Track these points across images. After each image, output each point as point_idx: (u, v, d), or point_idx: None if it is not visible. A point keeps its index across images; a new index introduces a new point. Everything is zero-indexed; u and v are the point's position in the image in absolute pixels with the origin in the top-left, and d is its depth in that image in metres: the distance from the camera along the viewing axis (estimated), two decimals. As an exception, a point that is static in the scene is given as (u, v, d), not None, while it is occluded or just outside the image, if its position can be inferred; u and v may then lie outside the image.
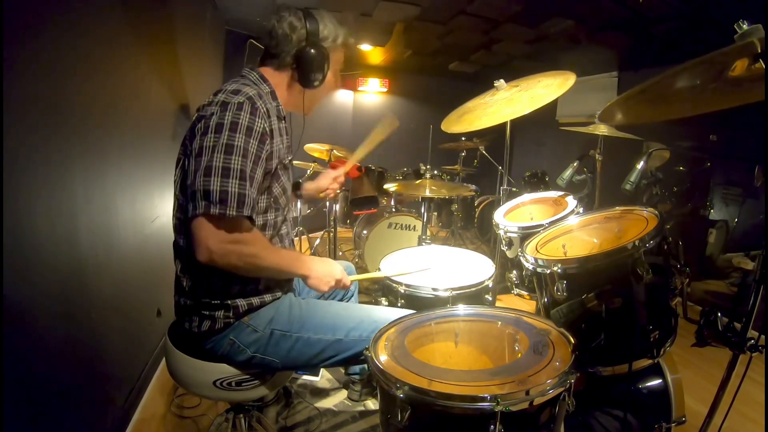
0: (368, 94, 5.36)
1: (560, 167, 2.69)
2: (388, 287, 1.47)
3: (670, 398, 1.24)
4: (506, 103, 1.69)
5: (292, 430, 1.65)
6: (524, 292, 2.02)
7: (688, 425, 1.25)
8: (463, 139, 3.92)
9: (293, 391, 1.84)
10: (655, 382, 1.26)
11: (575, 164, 2.62)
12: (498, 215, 1.99)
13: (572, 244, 1.37)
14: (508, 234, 1.81)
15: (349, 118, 5.29)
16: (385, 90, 5.33)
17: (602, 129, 2.52)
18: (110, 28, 1.48)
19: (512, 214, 2.08)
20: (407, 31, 3.61)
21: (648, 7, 2.62)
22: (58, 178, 1.16)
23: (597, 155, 2.62)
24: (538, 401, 0.80)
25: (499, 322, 1.11)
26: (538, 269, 1.24)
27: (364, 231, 3.14)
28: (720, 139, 2.98)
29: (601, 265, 1.10)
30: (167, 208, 2.10)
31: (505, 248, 1.84)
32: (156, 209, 2.01)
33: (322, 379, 1.98)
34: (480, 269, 1.59)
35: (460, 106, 1.89)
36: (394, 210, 3.15)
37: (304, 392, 1.87)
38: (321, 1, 3.06)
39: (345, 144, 3.45)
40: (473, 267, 1.63)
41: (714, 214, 3.17)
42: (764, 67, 0.79)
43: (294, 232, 1.30)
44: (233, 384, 1.09)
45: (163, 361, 1.50)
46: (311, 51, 1.13)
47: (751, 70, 0.84)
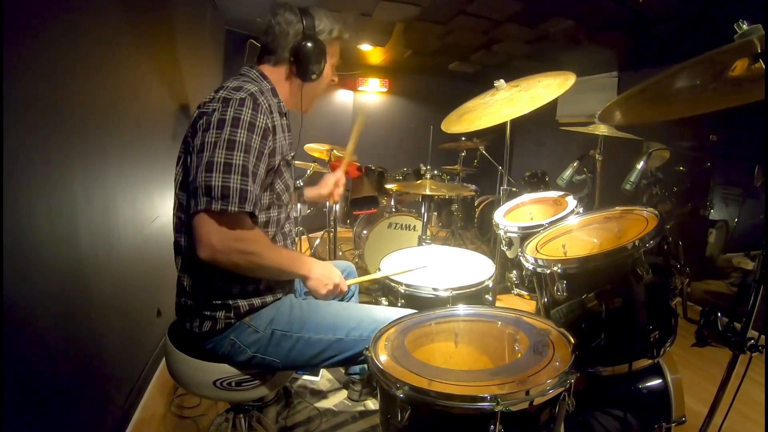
0: (368, 94, 5.36)
1: (560, 167, 2.69)
2: (388, 287, 1.47)
3: (670, 398, 1.24)
4: (506, 103, 1.69)
5: (292, 430, 1.65)
6: (524, 292, 2.02)
7: (688, 425, 1.25)
8: (463, 139, 3.92)
9: (293, 391, 1.84)
10: (655, 382, 1.26)
11: (575, 164, 2.62)
12: (498, 215, 1.99)
13: (572, 244, 1.37)
14: (508, 234, 1.81)
15: (349, 118, 5.29)
16: (385, 90, 5.33)
17: (602, 129, 2.52)
18: (110, 28, 1.48)
19: (512, 214, 2.08)
20: (407, 31, 3.61)
21: (648, 7, 2.62)
22: (58, 178, 1.16)
23: (597, 155, 2.62)
24: (538, 401, 0.80)
25: (499, 322, 1.11)
26: (538, 269, 1.24)
27: (364, 231, 3.15)
28: (720, 139, 2.98)
29: (601, 265, 1.10)
30: (167, 208, 2.10)
31: (505, 248, 1.84)
32: (156, 209, 2.01)
33: (322, 379, 1.98)
34: (480, 269, 1.59)
35: (460, 106, 1.89)
36: (394, 210, 3.15)
37: (304, 392, 1.87)
38: (321, 1, 3.06)
39: (345, 144, 3.44)
40: (473, 267, 1.63)
41: (714, 214, 3.17)
42: (764, 67, 0.80)
43: (295, 232, 1.30)
44: (233, 384, 1.09)
45: (163, 361, 1.50)
46: (307, 44, 1.14)
47: (751, 70, 0.84)
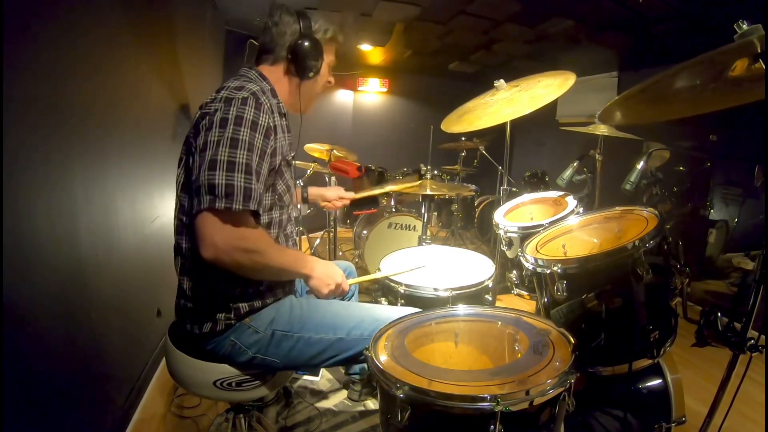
0: (368, 94, 5.36)
1: (560, 167, 2.69)
2: (388, 287, 1.47)
3: (670, 398, 1.24)
4: (506, 103, 1.69)
5: (292, 430, 1.65)
6: (524, 292, 2.02)
7: (688, 425, 1.25)
8: (463, 139, 3.92)
9: (293, 391, 1.84)
10: (655, 382, 1.26)
11: (575, 164, 2.62)
12: (498, 215, 1.99)
13: (572, 244, 1.37)
14: (508, 234, 1.81)
15: (349, 118, 5.29)
16: (385, 90, 5.33)
17: (602, 129, 2.52)
18: (110, 28, 1.48)
19: (512, 214, 2.08)
20: (407, 31, 3.61)
21: (648, 7, 2.62)
22: (58, 178, 1.16)
23: (597, 155, 2.62)
24: (538, 401, 0.80)
25: (499, 322, 1.11)
26: (538, 269, 1.24)
27: (364, 231, 3.15)
28: (720, 139, 2.98)
29: (601, 265, 1.10)
30: (167, 208, 2.11)
31: (505, 248, 1.84)
32: (156, 209, 2.01)
33: (322, 379, 1.98)
34: (480, 269, 1.59)
35: (460, 106, 1.89)
36: (394, 210, 3.15)
37: (304, 392, 1.87)
38: (321, 1, 3.06)
39: (345, 144, 3.45)
40: (473, 267, 1.63)
41: (714, 214, 3.17)
42: (764, 67, 0.79)
43: (295, 233, 1.31)
44: (233, 384, 1.09)
45: (163, 361, 1.50)
46: (304, 42, 1.15)
47: (751, 70, 0.84)
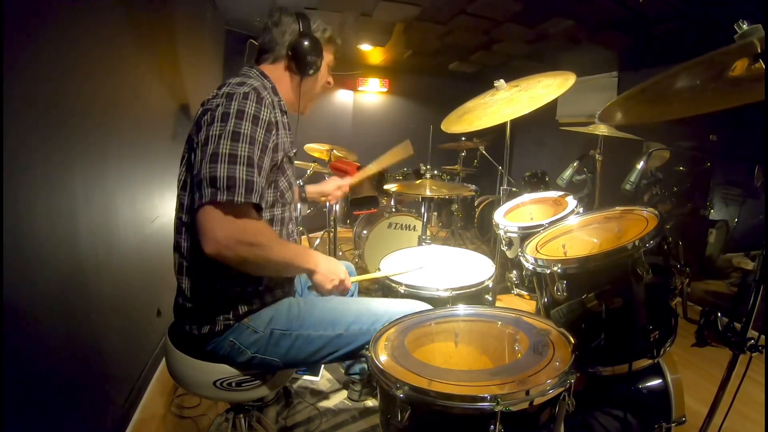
0: (368, 94, 5.36)
1: (560, 167, 2.69)
2: (388, 287, 1.47)
3: (670, 398, 1.24)
4: (506, 103, 1.69)
5: (292, 430, 1.65)
6: (524, 292, 2.02)
7: (688, 425, 1.25)
8: (463, 139, 3.92)
9: (293, 391, 1.84)
10: (655, 382, 1.26)
11: (575, 164, 2.62)
12: (498, 215, 1.99)
13: (572, 244, 1.37)
14: (508, 234, 1.81)
15: (349, 118, 5.29)
16: (385, 90, 5.33)
17: (602, 129, 2.52)
18: (110, 28, 1.48)
19: (512, 214, 2.08)
20: (407, 31, 3.61)
21: (648, 7, 2.62)
22: (58, 178, 1.16)
23: (597, 155, 2.62)
24: (538, 401, 0.80)
25: (499, 322, 1.11)
26: (538, 269, 1.24)
27: (364, 231, 3.15)
28: (720, 139, 2.98)
29: (601, 265, 1.10)
30: (167, 208, 2.11)
31: (505, 248, 1.84)
32: (156, 209, 2.01)
33: (322, 379, 1.98)
34: (480, 269, 1.59)
35: (460, 106, 1.89)
36: (394, 210, 3.15)
37: (304, 392, 1.87)
38: (321, 1, 3.06)
39: (345, 144, 3.45)
40: (473, 267, 1.63)
41: (714, 214, 3.17)
42: (764, 67, 0.80)
43: (296, 232, 1.30)
44: (233, 384, 1.09)
45: (163, 361, 1.50)
46: (304, 40, 1.16)
47: (751, 70, 0.84)
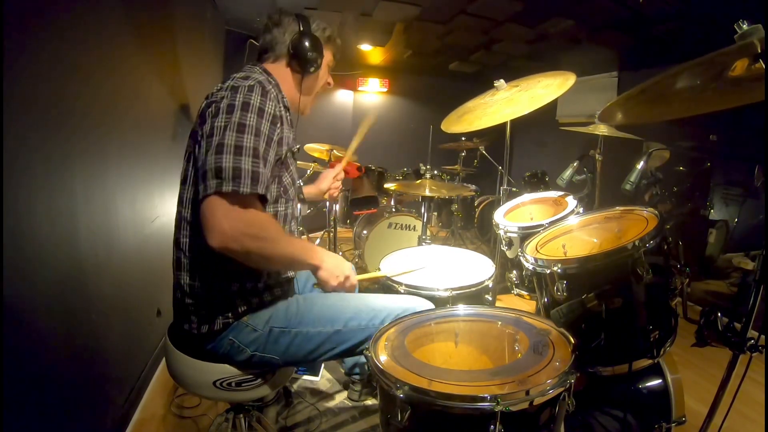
0: (368, 94, 5.37)
1: (560, 167, 2.69)
2: (388, 287, 1.47)
3: (670, 398, 1.24)
4: (506, 103, 1.69)
5: (292, 430, 1.65)
6: (524, 292, 2.03)
7: (688, 425, 1.25)
8: (463, 139, 3.92)
9: (293, 391, 1.84)
10: (655, 382, 1.26)
11: (575, 164, 2.63)
12: (498, 215, 1.99)
13: (572, 244, 1.37)
14: (508, 234, 1.81)
15: (349, 118, 5.29)
16: (385, 90, 5.33)
17: (602, 129, 2.52)
18: (110, 28, 1.48)
19: (512, 214, 2.08)
20: (407, 31, 3.61)
21: (648, 7, 2.62)
22: (58, 178, 1.16)
23: (597, 155, 2.62)
24: (538, 401, 0.80)
25: (499, 322, 1.11)
26: (538, 269, 1.24)
27: (364, 231, 3.15)
28: (720, 139, 2.99)
29: (601, 265, 1.10)
30: (167, 208, 2.11)
31: (505, 248, 1.84)
32: (156, 209, 2.01)
33: (322, 379, 1.98)
34: (480, 269, 1.59)
35: (460, 106, 1.89)
36: (394, 210, 3.15)
37: (304, 392, 1.87)
38: (321, 1, 3.06)
39: (345, 144, 3.43)
40: (473, 267, 1.63)
41: (714, 214, 3.17)
42: (764, 67, 0.80)
43: (297, 231, 1.30)
44: (233, 384, 1.09)
45: (163, 361, 1.50)
46: (305, 38, 1.18)
47: (751, 70, 0.84)
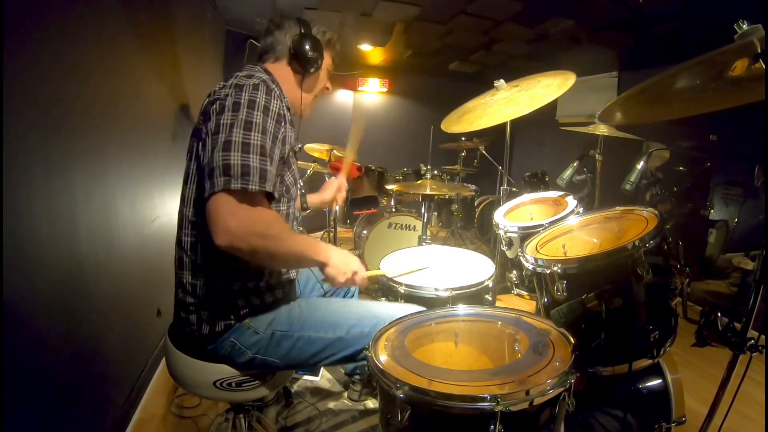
0: (368, 94, 5.36)
1: (560, 167, 2.69)
2: (388, 287, 1.47)
3: (670, 398, 1.24)
4: (506, 103, 1.69)
5: (292, 430, 1.65)
6: (524, 292, 2.02)
7: (688, 425, 1.25)
8: (463, 139, 3.92)
9: (293, 391, 1.84)
10: (655, 382, 1.26)
11: (575, 164, 2.63)
12: (498, 215, 1.99)
13: (572, 244, 1.37)
14: (508, 234, 1.81)
15: (349, 118, 5.29)
16: (385, 90, 5.33)
17: (602, 129, 2.52)
18: (110, 28, 1.48)
19: (512, 214, 2.08)
20: (407, 31, 3.61)
21: (648, 7, 2.62)
22: (58, 178, 1.16)
23: (597, 155, 2.62)
24: (538, 401, 0.80)
25: (499, 322, 1.11)
26: (538, 269, 1.24)
27: (364, 231, 3.15)
28: (720, 139, 2.99)
29: (601, 265, 1.10)
30: (167, 208, 2.11)
31: (505, 248, 1.84)
32: (156, 209, 2.01)
33: (322, 379, 1.98)
34: (480, 269, 1.59)
35: (460, 106, 1.89)
36: (394, 210, 3.15)
37: (304, 392, 1.87)
38: (321, 1, 3.06)
39: (345, 144, 3.45)
40: (473, 267, 1.63)
41: (714, 214, 3.17)
42: (764, 67, 0.80)
43: (298, 231, 1.30)
44: (234, 384, 1.09)
45: (163, 361, 1.50)
46: (306, 39, 1.18)
47: (751, 70, 0.84)
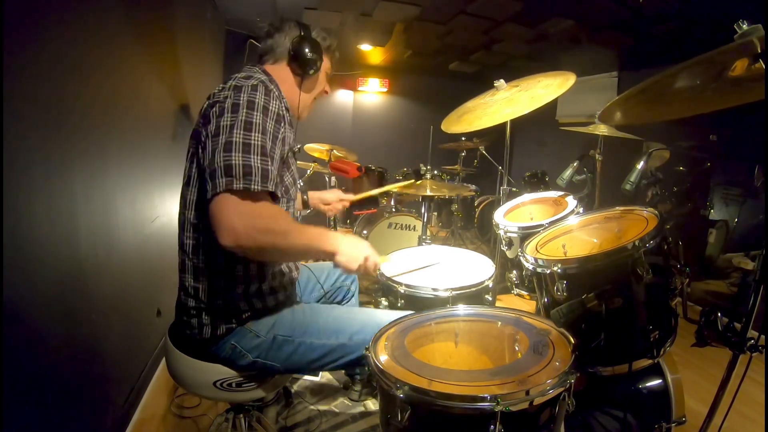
0: (368, 94, 5.36)
1: (560, 167, 2.69)
2: (388, 288, 1.47)
3: (670, 398, 1.24)
4: (506, 103, 1.69)
5: (292, 430, 1.65)
6: (524, 292, 2.03)
7: (688, 425, 1.25)
8: (463, 139, 3.92)
9: (293, 391, 1.84)
10: (655, 382, 1.26)
11: (575, 164, 2.63)
12: (498, 215, 1.99)
13: (572, 244, 1.37)
14: (508, 234, 1.81)
15: (349, 118, 5.29)
16: (385, 90, 5.33)
17: (602, 129, 2.52)
18: (110, 28, 1.48)
19: (512, 214, 2.08)
20: (407, 31, 3.61)
21: (648, 7, 2.62)
22: (58, 178, 1.16)
23: (597, 155, 2.62)
24: (538, 401, 0.80)
25: (499, 322, 1.11)
26: (538, 269, 1.24)
27: (364, 231, 3.14)
28: (720, 139, 2.99)
29: (601, 265, 1.10)
30: (167, 208, 2.11)
31: (505, 248, 1.84)
32: (156, 209, 2.01)
33: (322, 379, 1.98)
34: (480, 269, 1.59)
35: (460, 106, 1.89)
36: (394, 210, 3.15)
37: (304, 392, 1.87)
38: (321, 2, 3.06)
39: (345, 144, 3.46)
40: (473, 267, 1.63)
41: (714, 214, 3.17)
42: (764, 67, 0.80)
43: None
44: (234, 385, 1.09)
45: (163, 361, 1.50)
46: (305, 41, 1.19)
47: (751, 70, 0.84)
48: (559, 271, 1.16)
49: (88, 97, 1.34)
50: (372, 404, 1.80)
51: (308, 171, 3.25)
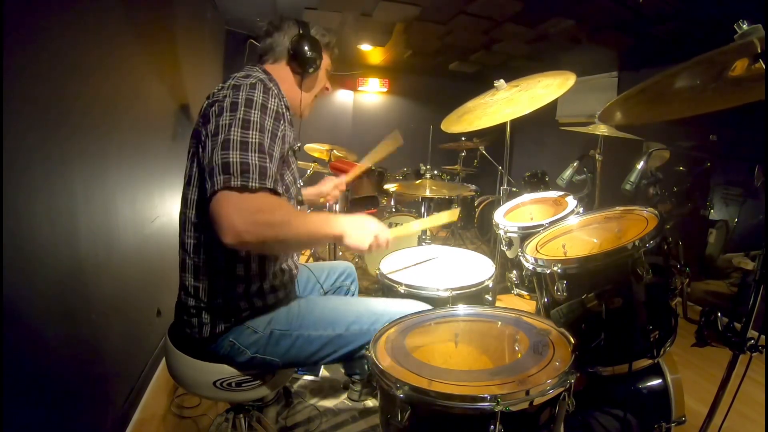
0: (368, 94, 5.37)
1: (560, 167, 2.69)
2: (388, 287, 1.47)
3: (670, 398, 1.24)
4: (506, 103, 1.69)
5: (292, 430, 1.65)
6: (524, 292, 2.02)
7: (688, 425, 1.25)
8: (463, 139, 3.92)
9: (293, 391, 1.84)
10: (655, 382, 1.26)
11: (575, 164, 2.63)
12: (498, 215, 1.99)
13: (572, 244, 1.37)
14: (508, 234, 1.81)
15: (349, 118, 5.29)
16: (385, 90, 5.33)
17: (602, 129, 2.52)
18: (110, 28, 1.48)
19: (512, 214, 2.08)
20: (407, 31, 3.61)
21: (648, 7, 2.62)
22: (58, 178, 1.16)
23: (597, 155, 2.62)
24: (538, 401, 0.80)
25: (499, 322, 1.11)
26: (538, 269, 1.24)
27: (364, 231, 3.14)
28: (720, 139, 2.98)
29: (601, 265, 1.10)
30: (167, 208, 2.11)
31: (505, 248, 1.84)
32: (156, 209, 2.01)
33: (322, 379, 1.98)
34: (480, 269, 1.59)
35: (460, 106, 1.89)
36: (394, 210, 3.15)
37: (304, 392, 1.87)
38: (321, 2, 3.06)
39: (345, 144, 3.46)
40: (473, 267, 1.63)
41: (714, 214, 3.17)
42: (764, 67, 0.80)
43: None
44: (233, 384, 1.09)
45: (163, 361, 1.50)
46: (305, 39, 1.18)
47: (751, 70, 0.84)
48: (559, 271, 1.16)
49: (88, 97, 1.33)
50: (372, 404, 1.79)
51: (308, 171, 3.25)
